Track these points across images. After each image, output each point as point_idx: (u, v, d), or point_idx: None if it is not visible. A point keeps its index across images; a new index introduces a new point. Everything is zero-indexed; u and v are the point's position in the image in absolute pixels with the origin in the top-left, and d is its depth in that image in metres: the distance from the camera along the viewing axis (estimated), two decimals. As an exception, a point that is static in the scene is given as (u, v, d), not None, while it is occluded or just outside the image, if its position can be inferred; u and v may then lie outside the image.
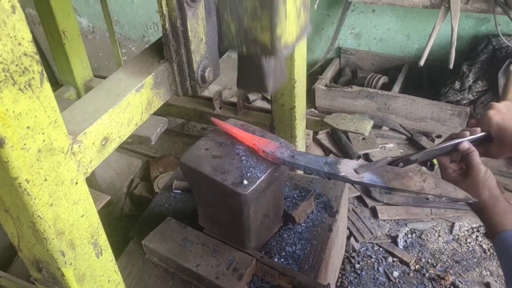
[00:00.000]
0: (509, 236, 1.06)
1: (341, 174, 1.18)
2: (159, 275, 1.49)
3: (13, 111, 0.69)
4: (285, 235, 1.56)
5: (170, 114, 2.34)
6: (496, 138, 1.14)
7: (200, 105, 2.29)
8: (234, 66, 1.21)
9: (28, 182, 0.75)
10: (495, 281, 1.85)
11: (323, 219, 1.61)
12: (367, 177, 1.15)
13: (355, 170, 1.17)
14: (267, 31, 1.00)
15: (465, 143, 1.14)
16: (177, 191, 1.76)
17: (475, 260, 1.94)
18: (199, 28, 1.01)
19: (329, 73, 2.94)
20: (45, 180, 0.78)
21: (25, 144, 0.73)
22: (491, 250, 1.97)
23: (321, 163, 1.22)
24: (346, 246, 2.00)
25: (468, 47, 2.67)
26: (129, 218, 2.18)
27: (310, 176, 2.09)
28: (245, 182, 1.27)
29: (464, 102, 2.48)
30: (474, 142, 1.15)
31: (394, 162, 1.19)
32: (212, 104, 2.24)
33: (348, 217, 2.10)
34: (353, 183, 1.19)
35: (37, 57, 0.71)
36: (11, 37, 0.66)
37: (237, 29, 1.05)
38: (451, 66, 2.28)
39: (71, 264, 0.89)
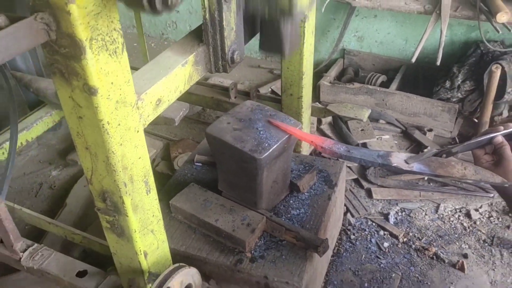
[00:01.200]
0: None
1: (393, 165, 1.32)
2: (183, 229, 1.75)
3: (104, 70, 0.97)
4: (291, 201, 1.82)
5: (190, 101, 2.60)
6: None
7: (217, 94, 2.56)
8: (245, 63, 1.50)
9: (108, 124, 1.02)
10: (472, 253, 2.11)
11: (324, 190, 1.87)
12: (416, 166, 1.30)
13: (405, 161, 1.32)
14: None
15: (499, 137, 1.24)
16: (198, 164, 2.03)
17: (456, 235, 2.20)
18: (231, 19, 1.29)
19: (333, 71, 3.20)
20: (119, 125, 1.05)
21: (109, 95, 1.00)
22: (471, 228, 2.23)
23: (374, 156, 1.36)
24: (343, 220, 2.26)
25: (460, 51, 2.93)
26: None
27: (313, 156, 2.36)
28: (261, 149, 1.54)
29: (454, 99, 2.73)
30: (507, 136, 1.25)
31: (438, 153, 1.32)
32: (228, 94, 2.51)
33: (345, 196, 2.36)
34: (404, 172, 1.38)
35: (121, 32, 0.98)
36: (108, 16, 0.93)
37: None
38: (438, 63, 2.55)
39: (129, 194, 1.16)
